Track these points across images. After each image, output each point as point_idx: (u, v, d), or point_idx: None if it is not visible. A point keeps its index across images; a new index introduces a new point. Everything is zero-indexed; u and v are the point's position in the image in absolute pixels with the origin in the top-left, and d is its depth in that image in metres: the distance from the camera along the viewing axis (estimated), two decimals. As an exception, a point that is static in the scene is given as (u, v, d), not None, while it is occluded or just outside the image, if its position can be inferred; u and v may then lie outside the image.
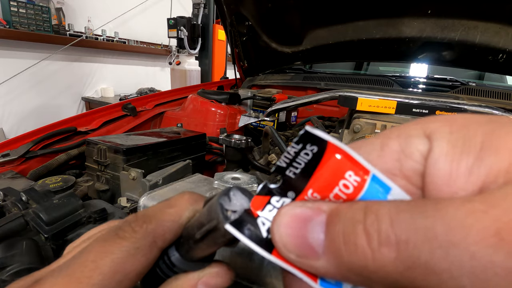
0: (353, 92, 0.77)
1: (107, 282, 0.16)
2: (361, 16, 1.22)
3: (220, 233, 0.16)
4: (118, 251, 0.17)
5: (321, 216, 0.13)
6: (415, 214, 0.10)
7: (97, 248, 0.17)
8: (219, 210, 0.15)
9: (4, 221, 0.47)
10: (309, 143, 0.14)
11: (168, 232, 0.19)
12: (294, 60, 1.51)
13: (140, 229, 0.18)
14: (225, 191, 0.16)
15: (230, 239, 0.16)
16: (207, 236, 0.17)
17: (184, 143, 0.89)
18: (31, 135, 0.91)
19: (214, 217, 0.15)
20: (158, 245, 0.18)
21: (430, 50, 1.20)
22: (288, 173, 0.15)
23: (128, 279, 0.17)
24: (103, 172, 0.76)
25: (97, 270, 0.16)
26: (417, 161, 0.13)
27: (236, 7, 1.33)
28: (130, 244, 0.17)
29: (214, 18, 3.35)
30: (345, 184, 0.13)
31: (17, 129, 2.79)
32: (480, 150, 0.11)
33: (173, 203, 0.20)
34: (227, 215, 0.15)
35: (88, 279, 0.16)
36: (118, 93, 3.60)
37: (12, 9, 2.51)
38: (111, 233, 0.18)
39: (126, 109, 1.16)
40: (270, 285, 0.40)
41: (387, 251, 0.10)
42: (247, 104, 1.38)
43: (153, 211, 0.19)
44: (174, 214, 0.19)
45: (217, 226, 0.15)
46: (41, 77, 2.89)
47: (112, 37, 3.49)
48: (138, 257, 0.17)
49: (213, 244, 0.17)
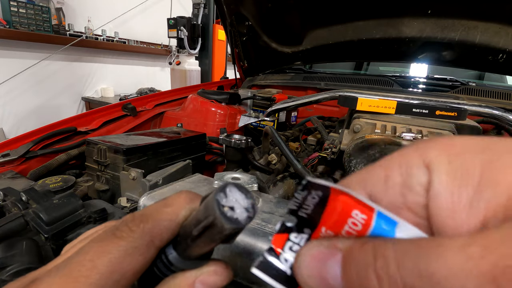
0: (353, 92, 0.77)
1: (105, 282, 0.16)
2: (361, 16, 1.22)
3: (217, 229, 0.16)
4: (116, 250, 0.17)
5: (337, 256, 0.14)
6: (419, 259, 0.11)
7: (95, 248, 0.17)
8: (215, 206, 0.15)
9: (4, 221, 0.47)
10: (313, 190, 0.15)
11: (165, 231, 0.19)
12: (294, 60, 1.51)
13: (137, 229, 0.18)
14: (221, 188, 0.16)
15: (227, 236, 0.16)
16: (204, 233, 0.17)
17: (184, 143, 0.89)
18: (31, 135, 0.91)
19: (211, 213, 0.16)
20: (155, 244, 0.18)
21: (430, 50, 1.20)
22: (300, 213, 0.16)
23: (125, 278, 0.17)
24: (103, 172, 0.76)
25: (95, 269, 0.16)
26: (419, 194, 0.14)
27: (236, 7, 1.33)
28: (127, 243, 0.17)
29: (214, 18, 3.35)
30: (354, 222, 0.14)
31: (17, 129, 2.79)
32: (479, 183, 0.12)
33: (170, 202, 0.20)
34: (224, 211, 0.15)
35: (85, 278, 0.16)
36: (118, 93, 3.61)
37: (12, 9, 2.51)
38: (108, 233, 0.18)
39: (126, 109, 1.16)
40: (270, 285, 0.40)
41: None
42: (247, 104, 1.38)
43: (150, 211, 0.19)
44: (171, 213, 0.19)
45: (213, 222, 0.15)
46: (41, 77, 2.89)
47: (112, 37, 3.49)
48: (135, 256, 0.17)
49: (210, 241, 0.17)
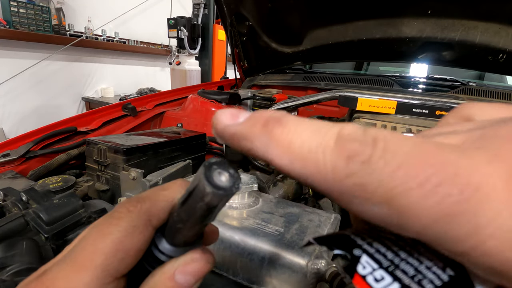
0: (353, 92, 0.77)
1: (110, 262, 0.16)
2: (361, 16, 1.22)
3: (199, 194, 0.16)
4: (116, 231, 0.17)
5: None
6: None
7: (95, 232, 0.17)
8: (202, 172, 0.16)
9: (4, 221, 0.47)
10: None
11: (162, 211, 0.19)
12: (294, 60, 1.51)
13: (134, 209, 0.18)
14: (209, 160, 0.16)
15: (208, 205, 0.16)
16: (188, 199, 0.17)
17: (184, 143, 0.89)
18: (31, 135, 0.91)
19: (196, 178, 0.16)
20: (153, 223, 0.19)
21: (430, 50, 1.20)
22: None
23: (129, 256, 0.17)
24: (103, 172, 0.76)
25: (98, 251, 0.16)
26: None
27: (236, 7, 1.33)
28: (126, 223, 0.18)
29: (214, 18, 3.35)
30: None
31: (17, 129, 2.79)
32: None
33: (166, 186, 0.21)
34: (208, 176, 0.16)
35: (90, 261, 0.16)
36: (118, 93, 3.60)
37: (12, 9, 2.51)
38: (106, 217, 0.18)
39: (126, 109, 1.16)
40: (270, 285, 0.40)
41: None
42: (247, 104, 1.38)
43: (147, 193, 0.20)
44: (167, 195, 0.20)
45: (197, 185, 0.16)
46: (41, 77, 2.88)
47: (112, 37, 3.49)
48: (136, 235, 0.18)
49: (192, 212, 0.17)
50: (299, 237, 0.41)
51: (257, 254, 0.40)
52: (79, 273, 0.16)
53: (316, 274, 0.37)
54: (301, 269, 0.37)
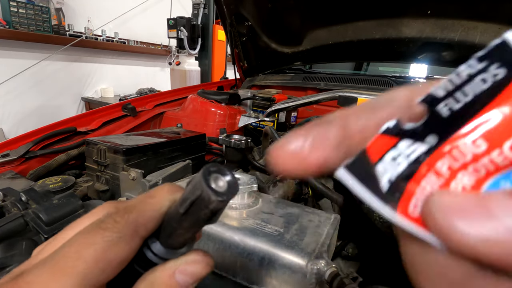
0: (353, 92, 0.77)
1: (90, 271, 0.16)
2: (361, 16, 1.22)
3: (203, 202, 0.16)
4: (101, 241, 0.17)
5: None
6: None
7: (80, 240, 0.17)
8: (203, 181, 0.16)
9: (4, 221, 0.47)
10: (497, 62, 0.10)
11: (150, 221, 0.19)
12: (294, 60, 1.51)
13: (121, 220, 0.18)
14: (206, 167, 0.17)
15: (212, 211, 0.16)
16: (190, 208, 0.17)
17: (184, 143, 0.89)
18: (31, 135, 0.91)
19: (198, 187, 0.16)
20: (140, 234, 0.19)
21: (430, 51, 1.20)
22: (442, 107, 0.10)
23: (111, 266, 0.17)
24: (103, 172, 0.76)
25: (81, 259, 0.16)
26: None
27: (236, 7, 1.33)
28: (112, 233, 0.18)
29: (214, 18, 3.35)
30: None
31: (17, 129, 2.78)
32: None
33: (153, 194, 0.20)
34: (210, 184, 0.16)
35: (72, 268, 0.16)
36: (118, 93, 3.60)
37: (12, 9, 2.51)
38: (94, 225, 0.18)
39: (126, 109, 1.16)
40: (270, 285, 0.40)
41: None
42: (247, 104, 1.38)
43: (134, 202, 0.20)
44: (155, 204, 0.20)
45: (200, 195, 0.16)
46: (41, 77, 2.88)
47: (112, 37, 3.49)
48: (121, 246, 0.18)
49: (196, 219, 0.17)
50: (298, 237, 0.41)
51: (257, 254, 0.40)
52: (59, 279, 0.16)
53: (316, 274, 0.37)
54: (301, 269, 0.37)
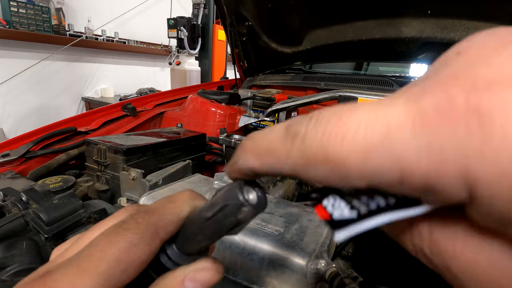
0: (353, 92, 0.77)
1: (112, 271, 0.17)
2: (361, 16, 1.22)
3: (233, 210, 0.16)
4: (123, 241, 0.18)
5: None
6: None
7: (103, 240, 0.18)
8: (237, 189, 0.16)
9: (4, 221, 0.47)
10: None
11: (170, 224, 0.20)
12: (294, 60, 1.51)
13: (143, 221, 0.19)
14: (240, 179, 0.17)
15: (239, 221, 0.17)
16: (218, 214, 0.17)
17: (184, 143, 0.89)
18: (31, 135, 0.91)
19: (232, 195, 0.16)
20: (160, 236, 0.19)
21: (430, 50, 1.20)
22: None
23: (132, 267, 0.18)
24: (103, 172, 0.76)
25: (103, 259, 0.17)
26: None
27: (236, 7, 1.33)
28: (133, 234, 0.18)
29: (214, 18, 3.35)
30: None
31: (17, 129, 2.78)
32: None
33: (174, 198, 0.21)
34: (244, 194, 0.16)
35: (94, 268, 0.17)
36: (118, 93, 3.60)
37: (12, 9, 2.51)
38: (116, 226, 0.19)
39: (126, 109, 1.16)
40: (270, 285, 0.40)
41: None
42: (247, 104, 1.38)
43: (155, 206, 0.20)
44: (175, 208, 0.20)
45: (232, 203, 0.16)
46: (41, 77, 2.88)
47: (112, 37, 3.49)
48: (141, 247, 0.18)
49: (220, 226, 0.18)
50: (299, 237, 0.41)
51: (257, 254, 0.40)
52: (83, 278, 0.17)
53: (316, 274, 0.37)
54: (301, 269, 0.37)
